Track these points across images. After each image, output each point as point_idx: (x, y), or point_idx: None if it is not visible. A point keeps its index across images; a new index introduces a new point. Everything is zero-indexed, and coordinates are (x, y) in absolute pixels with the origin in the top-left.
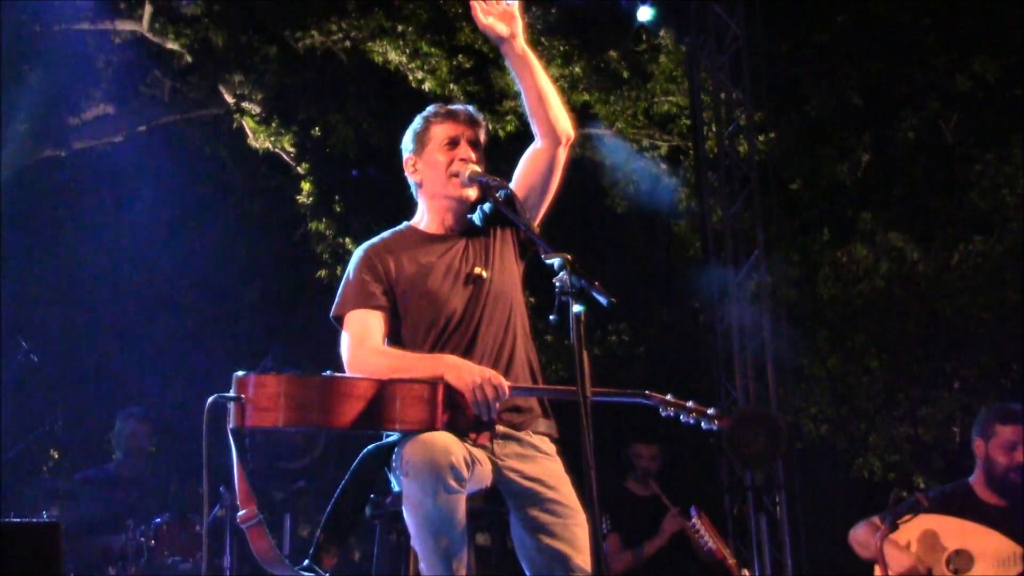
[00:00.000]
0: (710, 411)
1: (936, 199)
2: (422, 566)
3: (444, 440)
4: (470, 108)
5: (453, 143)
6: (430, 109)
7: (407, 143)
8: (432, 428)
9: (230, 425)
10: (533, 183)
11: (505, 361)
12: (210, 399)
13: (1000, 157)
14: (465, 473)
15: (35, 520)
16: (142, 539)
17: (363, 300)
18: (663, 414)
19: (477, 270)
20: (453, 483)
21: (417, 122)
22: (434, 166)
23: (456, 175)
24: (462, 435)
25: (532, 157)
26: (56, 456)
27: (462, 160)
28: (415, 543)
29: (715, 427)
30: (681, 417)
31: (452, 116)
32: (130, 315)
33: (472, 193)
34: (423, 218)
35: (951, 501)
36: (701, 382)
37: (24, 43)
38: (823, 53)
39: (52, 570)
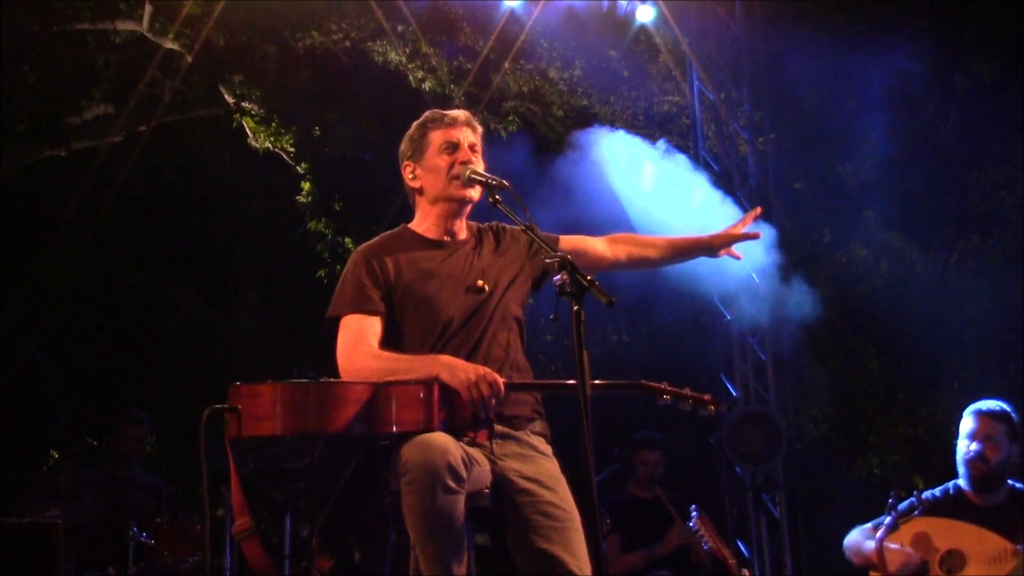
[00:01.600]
0: (706, 397)
1: (935, 199)
2: (422, 567)
3: (441, 441)
4: (466, 112)
5: (452, 147)
6: (426, 115)
7: (405, 150)
8: (429, 429)
9: (228, 436)
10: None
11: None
12: (206, 411)
13: (998, 158)
14: (463, 473)
15: (35, 520)
16: (142, 539)
17: (359, 304)
18: (660, 403)
19: (480, 283)
20: (451, 483)
21: (414, 129)
22: (434, 170)
23: (457, 177)
24: (459, 435)
25: (595, 251)
26: (56, 456)
27: (462, 163)
28: (415, 544)
29: (712, 413)
30: (678, 404)
31: (449, 121)
32: (130, 315)
33: (474, 194)
34: (423, 223)
35: (943, 503)
36: (701, 383)
37: (24, 43)
38: (822, 53)
39: (52, 570)
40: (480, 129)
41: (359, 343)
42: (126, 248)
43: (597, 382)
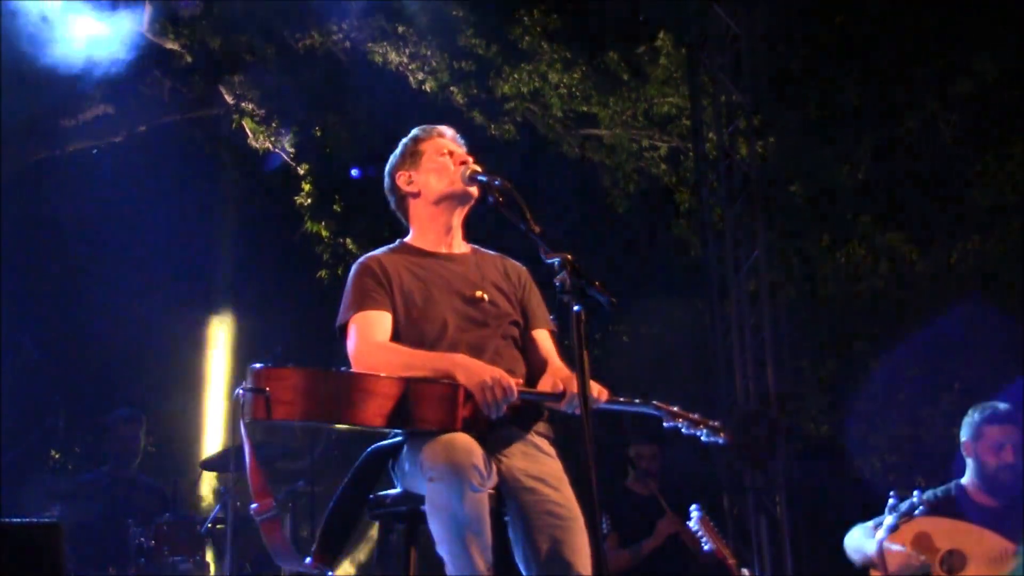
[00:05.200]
0: (713, 423)
1: (935, 200)
2: (448, 567)
3: (464, 441)
4: (452, 129)
5: (448, 152)
6: (415, 131)
7: (397, 163)
8: (450, 429)
9: (246, 419)
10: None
11: None
12: (235, 391)
13: (999, 158)
14: (486, 471)
15: (35, 520)
16: (142, 539)
17: (366, 303)
18: (667, 425)
19: (478, 293)
20: (477, 482)
21: (405, 143)
22: (434, 170)
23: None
24: (475, 435)
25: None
26: (56, 456)
27: (462, 163)
28: (441, 547)
29: (718, 440)
30: (685, 428)
31: (439, 134)
32: (130, 315)
33: (473, 191)
34: (420, 235)
35: (944, 503)
36: (701, 382)
37: (24, 43)
38: (822, 54)
39: (53, 570)
40: (464, 147)
41: (371, 336)
42: (125, 248)
43: (609, 397)
